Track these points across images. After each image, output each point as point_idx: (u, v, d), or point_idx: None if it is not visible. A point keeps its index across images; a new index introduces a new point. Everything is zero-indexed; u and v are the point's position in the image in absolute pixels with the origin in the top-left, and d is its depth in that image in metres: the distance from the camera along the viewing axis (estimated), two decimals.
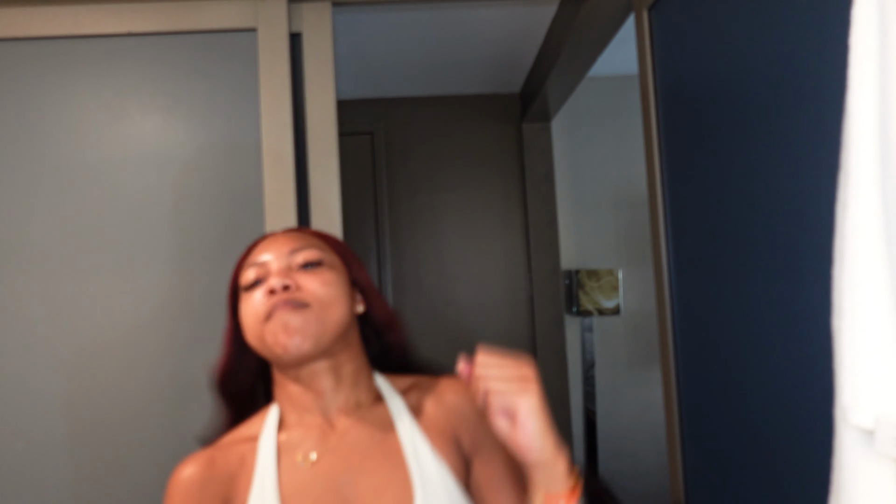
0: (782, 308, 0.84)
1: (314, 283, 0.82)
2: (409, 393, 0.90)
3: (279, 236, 0.89)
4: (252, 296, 0.83)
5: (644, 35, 1.27)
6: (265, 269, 0.84)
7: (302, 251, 0.85)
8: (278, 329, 0.79)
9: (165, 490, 0.83)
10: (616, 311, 2.52)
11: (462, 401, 0.87)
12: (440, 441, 0.84)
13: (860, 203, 0.55)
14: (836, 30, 0.70)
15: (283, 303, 0.80)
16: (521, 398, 0.70)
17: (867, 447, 0.55)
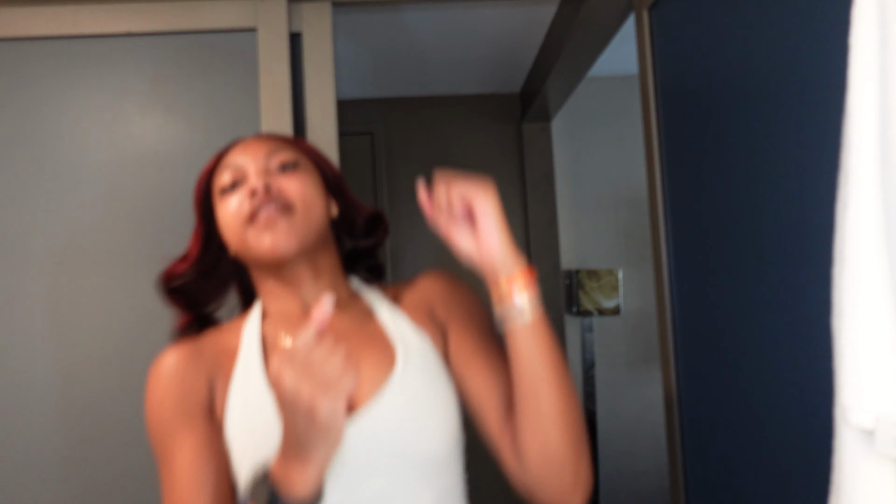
0: (782, 308, 0.84)
1: (294, 185, 0.84)
2: (384, 288, 0.96)
3: (251, 140, 0.89)
4: (231, 198, 0.85)
5: (644, 35, 1.27)
6: (242, 172, 0.85)
7: (277, 153, 0.87)
8: (263, 231, 0.81)
9: (147, 378, 0.84)
10: (616, 311, 2.52)
11: (435, 281, 0.94)
12: (419, 319, 0.90)
13: (860, 203, 0.55)
14: (836, 30, 0.70)
15: (267, 204, 0.81)
16: (480, 196, 0.75)
17: (867, 447, 0.55)
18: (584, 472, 0.79)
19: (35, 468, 1.25)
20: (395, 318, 0.89)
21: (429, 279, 0.94)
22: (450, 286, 0.93)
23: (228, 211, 0.85)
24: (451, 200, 0.77)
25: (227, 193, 0.86)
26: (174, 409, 0.81)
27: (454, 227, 0.78)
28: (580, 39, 1.72)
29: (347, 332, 0.87)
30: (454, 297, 0.92)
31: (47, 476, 1.25)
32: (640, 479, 2.60)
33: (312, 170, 0.90)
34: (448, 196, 0.77)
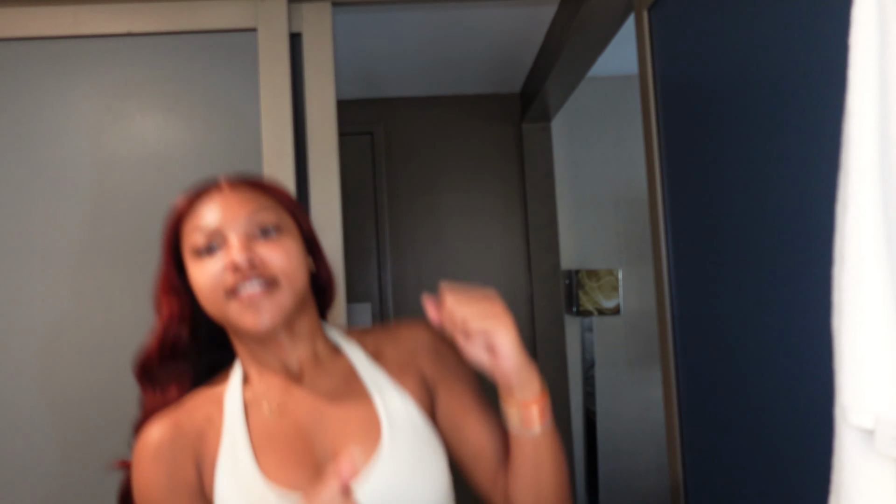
0: (782, 308, 0.85)
1: (278, 256, 0.80)
2: (364, 337, 0.92)
3: (229, 196, 0.83)
4: (207, 265, 0.80)
5: (644, 35, 1.27)
6: (219, 236, 0.80)
7: (257, 214, 0.82)
8: (246, 310, 0.78)
9: (133, 455, 0.82)
10: (616, 310, 2.52)
11: (419, 336, 0.91)
12: (402, 376, 0.87)
13: (860, 203, 0.55)
14: (835, 30, 0.70)
15: (250, 280, 0.78)
16: (499, 335, 0.74)
17: (867, 447, 0.55)
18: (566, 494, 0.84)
19: (36, 467, 1.25)
20: (377, 378, 0.86)
21: (412, 334, 0.91)
22: (434, 343, 0.90)
23: (205, 278, 0.80)
24: (464, 325, 0.75)
25: (202, 257, 0.81)
26: (161, 494, 0.80)
27: (468, 343, 0.76)
28: (580, 39, 1.72)
29: (330, 396, 0.85)
30: (440, 354, 0.90)
31: (48, 475, 1.25)
32: (640, 478, 2.60)
33: (293, 228, 0.86)
34: (461, 321, 0.75)
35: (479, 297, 0.76)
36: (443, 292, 0.76)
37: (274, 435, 0.82)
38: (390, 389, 0.85)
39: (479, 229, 2.62)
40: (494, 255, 2.62)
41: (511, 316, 0.75)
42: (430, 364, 0.89)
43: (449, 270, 2.61)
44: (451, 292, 0.76)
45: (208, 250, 0.81)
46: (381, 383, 0.86)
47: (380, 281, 2.60)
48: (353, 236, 2.56)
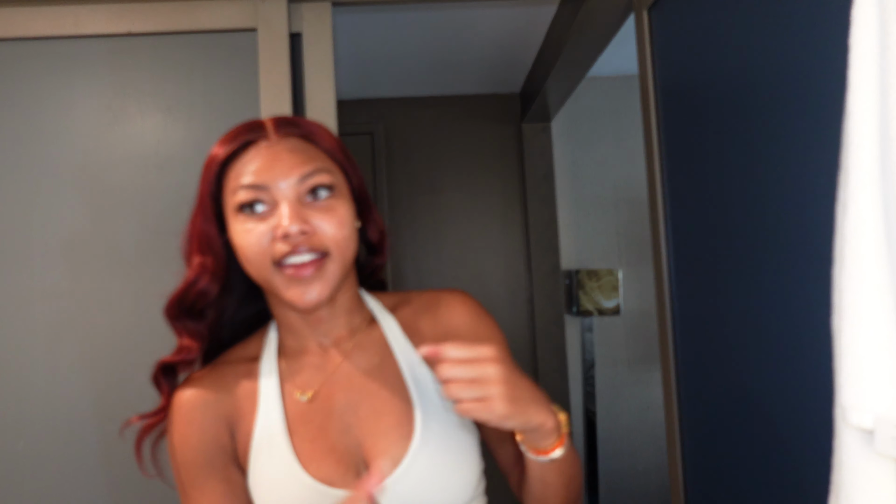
0: (782, 308, 0.85)
1: (332, 225, 0.75)
2: (400, 310, 0.87)
3: (278, 149, 0.76)
4: (253, 227, 0.74)
5: (644, 35, 1.27)
6: (269, 195, 0.74)
7: (310, 174, 0.75)
8: (295, 287, 0.74)
9: (168, 416, 0.82)
10: (616, 311, 2.52)
11: (456, 312, 0.85)
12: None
13: (860, 203, 0.55)
14: (835, 30, 0.70)
15: (301, 252, 0.73)
16: (486, 414, 0.67)
17: (867, 447, 0.55)
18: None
19: (36, 468, 1.25)
20: (411, 359, 0.82)
21: (454, 310, 0.85)
22: (476, 321, 0.85)
23: (250, 241, 0.74)
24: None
25: (247, 216, 0.75)
26: (195, 456, 0.79)
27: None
28: (580, 39, 1.72)
29: (364, 378, 0.81)
30: (480, 334, 0.84)
31: (48, 475, 1.25)
32: (640, 478, 2.61)
33: (343, 187, 0.79)
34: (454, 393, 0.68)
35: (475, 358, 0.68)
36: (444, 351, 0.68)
37: (309, 419, 0.79)
38: (423, 372, 0.81)
39: (479, 229, 2.63)
40: (494, 255, 2.62)
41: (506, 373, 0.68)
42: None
43: (449, 270, 2.61)
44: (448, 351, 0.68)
45: (252, 208, 0.75)
46: (414, 365, 0.82)
47: None
48: None
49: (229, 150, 0.77)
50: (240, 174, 0.76)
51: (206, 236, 0.79)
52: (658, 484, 2.60)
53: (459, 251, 2.62)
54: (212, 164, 0.78)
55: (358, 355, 0.83)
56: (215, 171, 0.78)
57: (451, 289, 0.88)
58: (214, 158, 0.78)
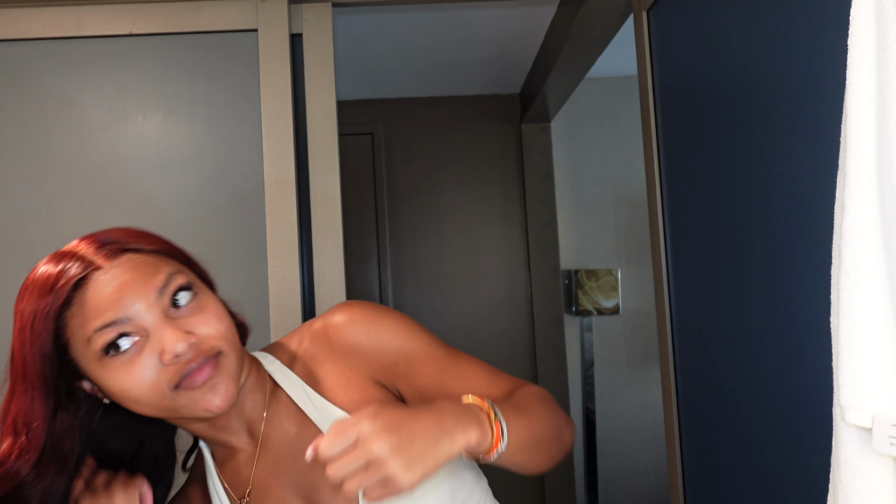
0: (780, 307, 0.85)
1: (210, 325, 0.68)
2: (297, 357, 0.79)
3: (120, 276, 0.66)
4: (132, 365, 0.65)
5: (643, 36, 1.27)
6: (134, 325, 0.65)
7: (168, 285, 0.67)
8: (202, 397, 0.66)
9: None
10: (615, 310, 2.53)
11: (350, 337, 0.76)
12: (354, 397, 0.76)
13: (858, 203, 0.55)
14: (834, 31, 0.70)
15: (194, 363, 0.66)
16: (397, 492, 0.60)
17: (865, 446, 0.55)
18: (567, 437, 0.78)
19: None
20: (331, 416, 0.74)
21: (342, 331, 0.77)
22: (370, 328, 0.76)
23: (134, 379, 0.65)
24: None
25: (114, 357, 0.65)
26: None
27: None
28: (579, 40, 1.72)
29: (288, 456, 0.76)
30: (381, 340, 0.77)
31: None
32: (639, 477, 2.61)
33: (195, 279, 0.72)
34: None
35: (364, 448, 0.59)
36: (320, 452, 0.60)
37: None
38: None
39: (479, 229, 2.63)
40: (494, 255, 2.62)
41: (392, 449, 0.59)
42: (374, 364, 0.77)
43: (449, 270, 2.61)
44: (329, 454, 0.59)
45: (118, 347, 0.65)
46: (332, 420, 0.74)
47: (380, 281, 2.61)
48: (353, 236, 2.56)
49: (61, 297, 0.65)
50: (87, 319, 0.65)
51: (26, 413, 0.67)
52: (657, 483, 2.60)
53: (459, 251, 2.62)
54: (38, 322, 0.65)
55: (274, 434, 0.76)
56: (51, 328, 0.65)
57: (338, 306, 0.79)
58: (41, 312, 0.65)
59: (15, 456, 0.66)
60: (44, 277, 0.68)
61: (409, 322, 0.79)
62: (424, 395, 0.77)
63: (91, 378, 0.68)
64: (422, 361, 0.77)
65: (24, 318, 0.67)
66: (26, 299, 0.68)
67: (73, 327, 0.66)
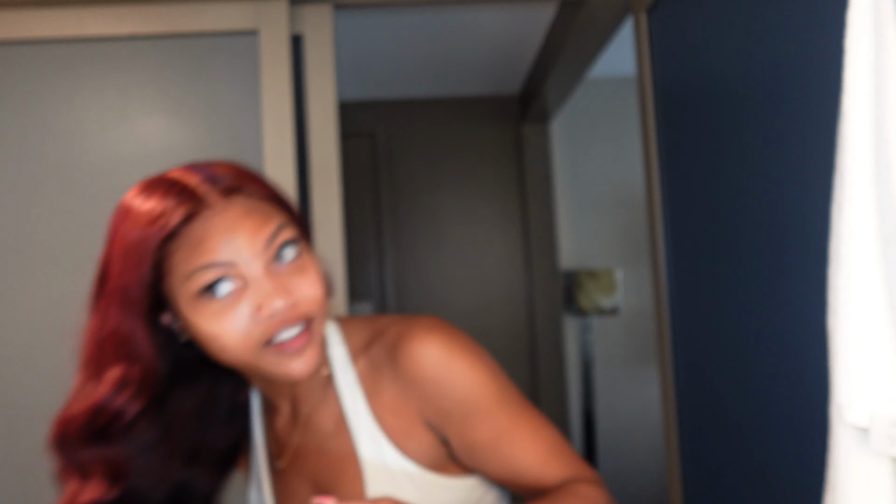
0: (778, 308, 0.85)
1: (311, 287, 0.66)
2: (365, 357, 0.76)
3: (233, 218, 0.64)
4: (227, 311, 0.64)
5: (642, 37, 1.27)
6: (236, 271, 0.63)
7: (276, 237, 0.66)
8: (288, 361, 0.66)
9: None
10: (614, 311, 2.53)
11: (418, 370, 0.72)
12: (400, 425, 0.73)
13: (855, 204, 0.55)
14: (831, 33, 0.70)
15: (292, 327, 0.65)
16: None
17: (862, 445, 0.55)
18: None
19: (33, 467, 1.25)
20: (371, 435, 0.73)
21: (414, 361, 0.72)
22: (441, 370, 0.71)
23: (225, 326, 0.64)
24: None
25: (211, 300, 0.64)
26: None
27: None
28: (579, 41, 1.73)
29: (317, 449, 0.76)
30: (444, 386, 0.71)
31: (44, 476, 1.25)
32: (639, 477, 2.61)
33: (299, 233, 0.70)
34: None
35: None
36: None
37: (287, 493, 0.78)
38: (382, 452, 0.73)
39: (478, 229, 2.63)
40: (494, 256, 2.63)
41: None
42: (431, 407, 0.72)
43: (449, 270, 2.61)
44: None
45: (215, 290, 0.63)
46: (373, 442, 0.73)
47: (380, 281, 2.61)
48: (354, 236, 2.56)
49: (169, 226, 0.63)
50: (191, 255, 0.63)
51: (129, 337, 0.67)
52: (656, 482, 2.61)
53: (459, 251, 2.62)
54: (143, 247, 0.64)
55: (315, 422, 0.76)
56: (152, 255, 0.63)
57: (416, 325, 0.74)
58: (147, 239, 0.63)
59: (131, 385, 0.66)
60: (151, 205, 0.64)
61: (483, 368, 0.72)
62: (473, 452, 0.72)
63: (179, 315, 0.66)
64: (480, 419, 0.71)
65: (128, 244, 0.64)
66: (129, 223, 0.65)
67: (175, 261, 0.64)
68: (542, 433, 0.73)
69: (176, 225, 0.63)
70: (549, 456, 0.72)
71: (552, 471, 0.71)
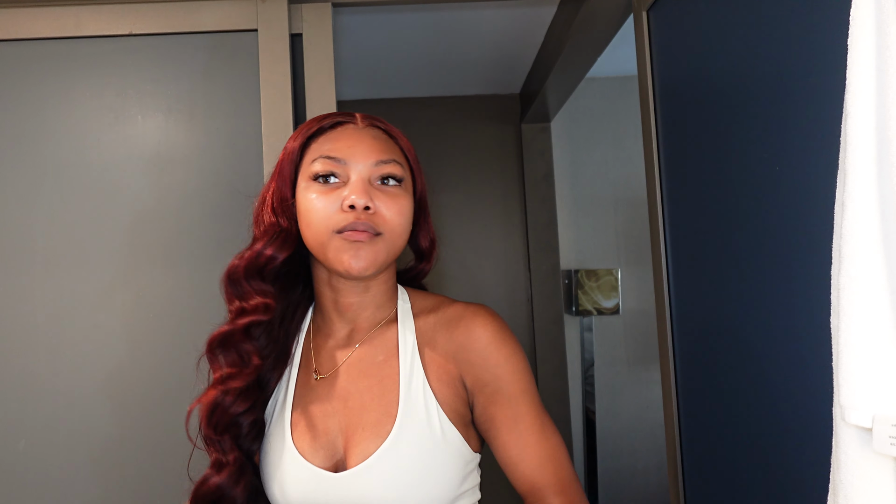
0: (780, 307, 0.85)
1: (392, 211, 0.81)
2: (426, 317, 0.88)
3: (362, 132, 0.84)
4: (324, 195, 0.81)
5: (643, 36, 1.27)
6: (344, 170, 0.81)
7: (387, 165, 0.82)
8: (347, 252, 0.79)
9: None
10: (615, 310, 2.53)
11: (471, 341, 0.84)
12: (440, 374, 0.84)
13: (858, 203, 0.55)
14: (834, 31, 0.70)
15: (360, 225, 0.79)
16: None
17: (865, 446, 0.55)
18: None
19: (38, 468, 1.25)
20: (413, 370, 0.84)
21: (471, 331, 0.84)
22: (491, 347, 0.83)
23: (318, 207, 0.81)
24: None
25: (320, 185, 0.82)
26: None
27: None
28: (579, 40, 1.72)
29: (365, 371, 0.86)
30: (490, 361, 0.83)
31: (49, 475, 1.25)
32: (639, 477, 2.61)
33: (409, 185, 0.86)
34: None
35: None
36: None
37: (312, 396, 0.87)
38: (419, 386, 0.83)
39: (478, 229, 2.63)
40: (494, 255, 2.62)
41: None
42: (473, 375, 0.83)
43: (449, 270, 2.61)
44: None
45: (326, 179, 0.82)
46: (413, 374, 0.84)
47: None
48: None
49: (322, 124, 0.85)
50: (322, 146, 0.83)
51: (284, 201, 0.85)
52: (657, 483, 2.60)
53: (459, 251, 2.62)
54: (301, 133, 0.86)
55: (368, 348, 0.88)
56: (302, 141, 0.85)
57: (478, 307, 0.87)
58: (305, 128, 0.86)
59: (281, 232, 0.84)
60: (323, 115, 0.88)
61: (522, 361, 0.85)
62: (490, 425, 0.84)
63: (296, 191, 0.84)
64: (505, 402, 0.83)
65: (295, 132, 0.87)
66: (304, 124, 0.87)
67: (313, 147, 0.84)
68: (549, 437, 0.83)
69: (327, 125, 0.85)
70: (547, 459, 0.82)
71: (544, 472, 0.82)
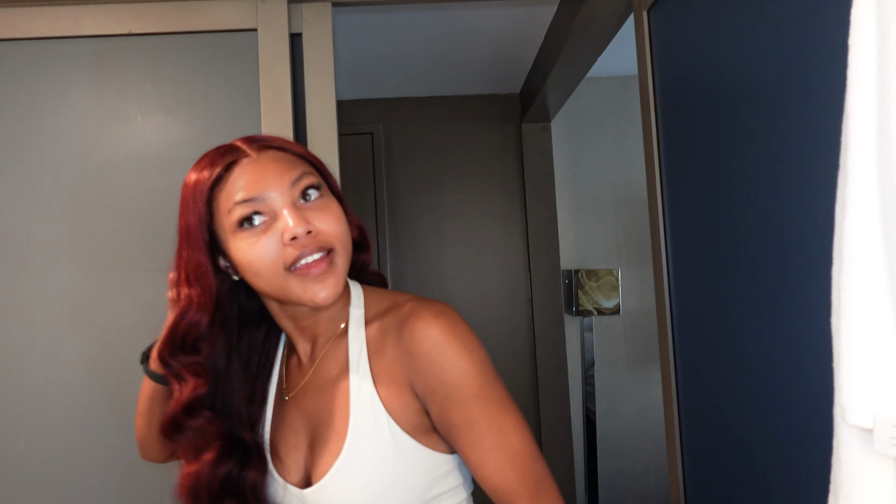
0: (781, 307, 0.85)
1: (330, 222, 0.79)
2: (378, 322, 0.84)
3: (262, 161, 0.79)
4: (259, 239, 0.76)
5: (643, 36, 1.27)
6: (265, 206, 0.77)
7: (301, 180, 0.79)
8: (313, 284, 0.77)
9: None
10: (615, 310, 2.52)
11: (415, 346, 0.78)
12: (389, 384, 0.80)
13: (859, 203, 0.55)
14: (835, 31, 0.70)
15: (309, 251, 0.76)
16: None
17: (866, 446, 0.55)
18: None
19: (37, 467, 1.25)
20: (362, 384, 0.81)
21: (415, 338, 0.78)
22: (436, 352, 0.77)
23: (257, 252, 0.76)
24: None
25: (248, 231, 0.77)
26: None
27: None
28: (580, 40, 1.72)
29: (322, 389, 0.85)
30: (435, 367, 0.77)
31: (49, 475, 1.25)
32: (640, 478, 2.61)
33: (326, 186, 0.83)
34: None
35: None
36: None
37: (283, 419, 0.88)
38: (368, 400, 0.80)
39: (478, 229, 2.63)
40: (494, 255, 2.62)
41: None
42: (421, 381, 0.78)
43: (449, 270, 2.61)
44: None
45: (251, 222, 0.77)
46: (363, 390, 0.81)
47: None
48: None
49: (215, 173, 0.79)
50: (231, 193, 0.78)
51: (199, 268, 0.80)
52: (657, 483, 2.60)
53: (459, 251, 2.62)
54: (198, 191, 0.79)
55: (325, 363, 0.86)
56: (205, 197, 0.79)
57: (425, 306, 0.81)
58: (200, 184, 0.79)
59: (196, 303, 0.80)
60: (206, 160, 0.81)
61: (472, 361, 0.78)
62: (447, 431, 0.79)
63: (226, 249, 0.80)
64: (456, 407, 0.77)
65: (188, 190, 0.81)
66: (192, 178, 0.81)
67: (220, 199, 0.78)
68: (509, 439, 0.77)
69: (221, 171, 0.79)
70: (507, 463, 0.77)
71: (506, 478, 0.76)
